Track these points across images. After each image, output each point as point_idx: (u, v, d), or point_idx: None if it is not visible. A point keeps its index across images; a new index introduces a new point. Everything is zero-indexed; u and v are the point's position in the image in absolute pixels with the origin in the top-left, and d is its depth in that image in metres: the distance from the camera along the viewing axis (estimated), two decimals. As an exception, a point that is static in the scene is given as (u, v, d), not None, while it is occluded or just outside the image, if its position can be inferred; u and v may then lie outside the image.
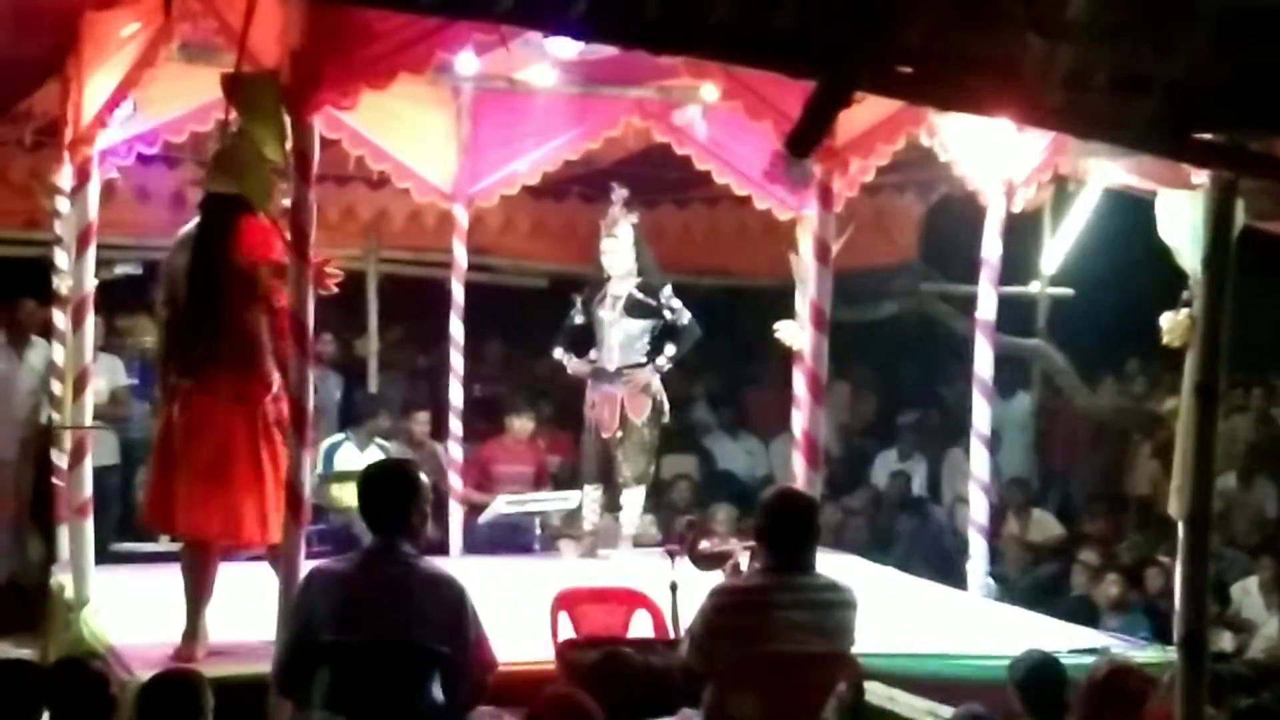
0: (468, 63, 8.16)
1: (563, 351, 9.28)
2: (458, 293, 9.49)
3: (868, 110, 6.38)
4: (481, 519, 9.73)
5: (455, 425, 9.56)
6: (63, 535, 8.17)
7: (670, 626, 6.13)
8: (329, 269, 6.25)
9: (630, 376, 9.10)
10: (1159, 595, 8.76)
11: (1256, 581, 9.20)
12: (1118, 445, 12.14)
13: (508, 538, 9.88)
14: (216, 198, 6.45)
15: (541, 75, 8.58)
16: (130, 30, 6.89)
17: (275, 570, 6.13)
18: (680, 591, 6.10)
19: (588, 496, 9.29)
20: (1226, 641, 8.54)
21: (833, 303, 6.73)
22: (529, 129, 9.13)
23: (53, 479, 8.67)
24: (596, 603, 6.49)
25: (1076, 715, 5.37)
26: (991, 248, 8.11)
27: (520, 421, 10.43)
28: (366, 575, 5.08)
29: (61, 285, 8.55)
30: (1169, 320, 6.47)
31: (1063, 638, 7.16)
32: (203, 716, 4.77)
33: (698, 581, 5.92)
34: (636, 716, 5.05)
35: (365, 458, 9.14)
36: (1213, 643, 6.14)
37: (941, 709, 5.79)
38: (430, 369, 11.49)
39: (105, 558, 8.13)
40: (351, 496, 6.57)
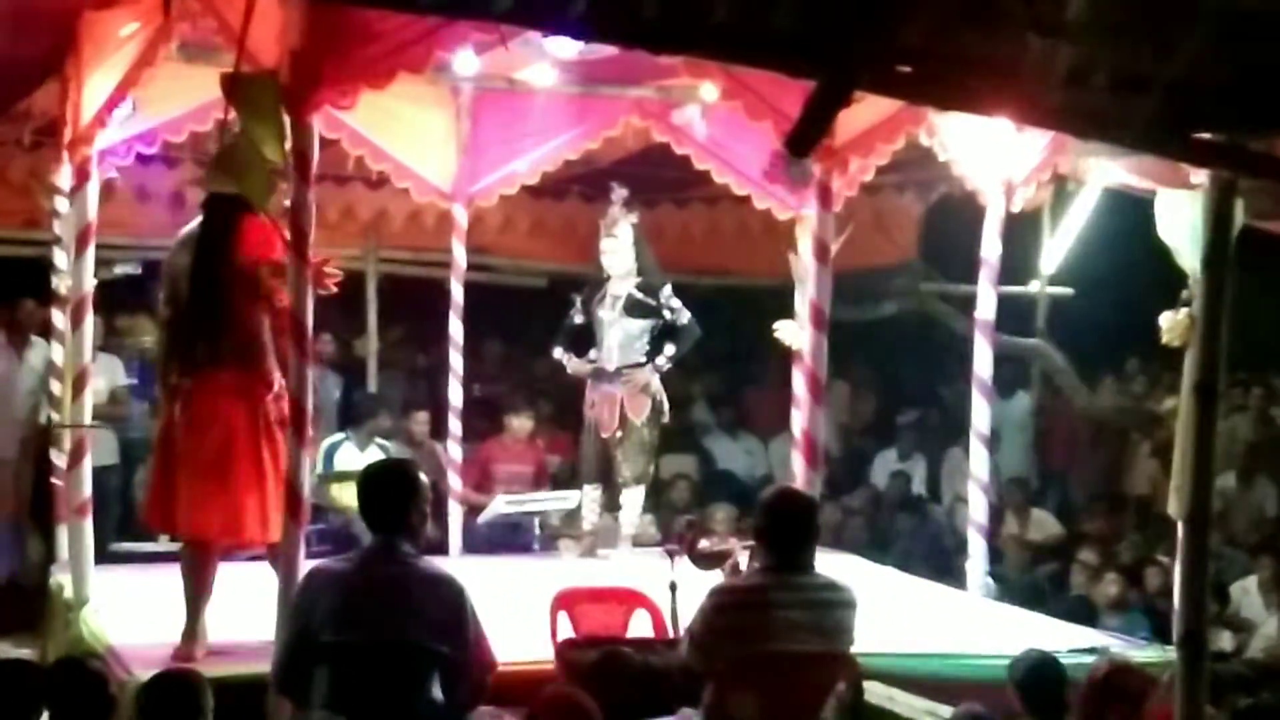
0: (467, 62, 8.15)
1: (562, 351, 9.26)
2: (457, 292, 9.49)
3: (867, 110, 6.38)
4: (481, 519, 9.72)
5: (454, 425, 9.56)
6: (62, 535, 8.17)
7: (669, 626, 6.13)
8: (328, 269, 6.24)
9: (630, 376, 9.09)
10: (1158, 595, 8.76)
11: (1256, 581, 9.20)
12: (1117, 445, 12.13)
13: (507, 537, 9.88)
14: (219, 198, 6.45)
15: (541, 75, 8.58)
16: (129, 30, 6.89)
17: (275, 569, 6.13)
18: (679, 591, 6.10)
19: (587, 496, 9.28)
20: (1226, 641, 8.53)
21: (832, 302, 6.72)
22: (528, 129, 9.13)
23: (52, 479, 8.66)
24: (596, 602, 6.48)
25: (1076, 715, 5.37)
26: (991, 247, 8.11)
27: (519, 421, 10.43)
28: (366, 575, 5.08)
29: (61, 285, 8.55)
30: (1168, 320, 6.47)
31: (1062, 637, 7.15)
32: (203, 716, 4.77)
33: (697, 581, 5.92)
34: (635, 716, 5.05)
35: (365, 457, 9.13)
36: (1212, 642, 6.11)
37: (941, 709, 5.79)
38: (429, 369, 11.48)
39: (105, 557, 8.13)
40: (351, 496, 6.57)
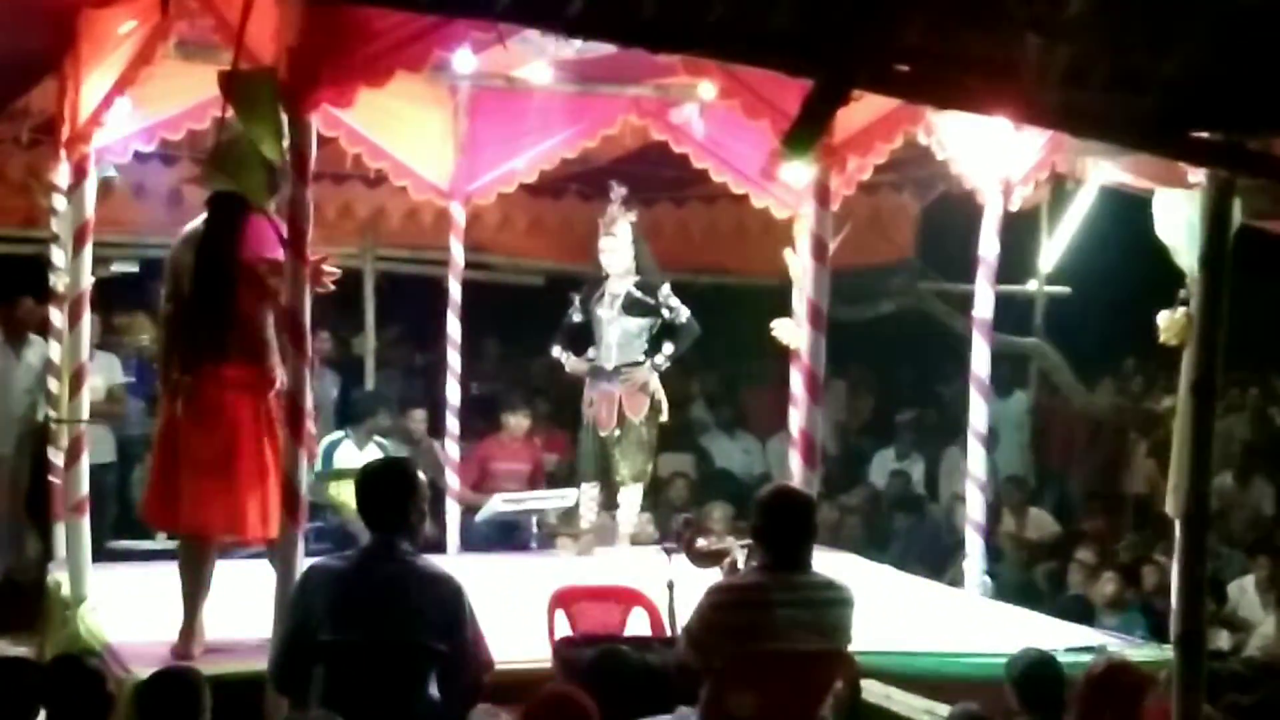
0: (465, 61, 8.14)
1: (561, 350, 9.26)
2: (455, 291, 9.47)
3: (865, 108, 6.37)
4: (479, 517, 9.72)
5: (452, 423, 9.55)
6: (59, 533, 8.16)
7: (667, 624, 6.13)
8: (326, 267, 6.25)
9: (628, 375, 9.09)
10: (1155, 593, 8.77)
11: (1253, 580, 9.20)
12: (1114, 444, 12.14)
13: (505, 536, 9.88)
14: (224, 195, 6.44)
15: (539, 73, 8.57)
16: (127, 28, 6.88)
17: (275, 566, 6.12)
18: (677, 589, 6.10)
19: (585, 495, 9.28)
20: (1223, 640, 8.53)
21: (830, 301, 6.72)
22: (526, 127, 9.12)
23: (50, 477, 8.66)
24: (593, 601, 6.48)
25: (1073, 713, 5.37)
26: (989, 246, 8.11)
27: (517, 419, 10.42)
28: (364, 573, 5.09)
29: (58, 283, 8.53)
30: (1166, 319, 6.47)
31: (1059, 636, 7.15)
32: (201, 715, 4.78)
33: (694, 580, 5.92)
34: (633, 714, 5.05)
35: (364, 456, 9.12)
36: (1209, 641, 6.12)
37: (938, 707, 5.79)
38: (427, 367, 11.48)
39: (102, 555, 8.12)
40: (349, 494, 6.58)
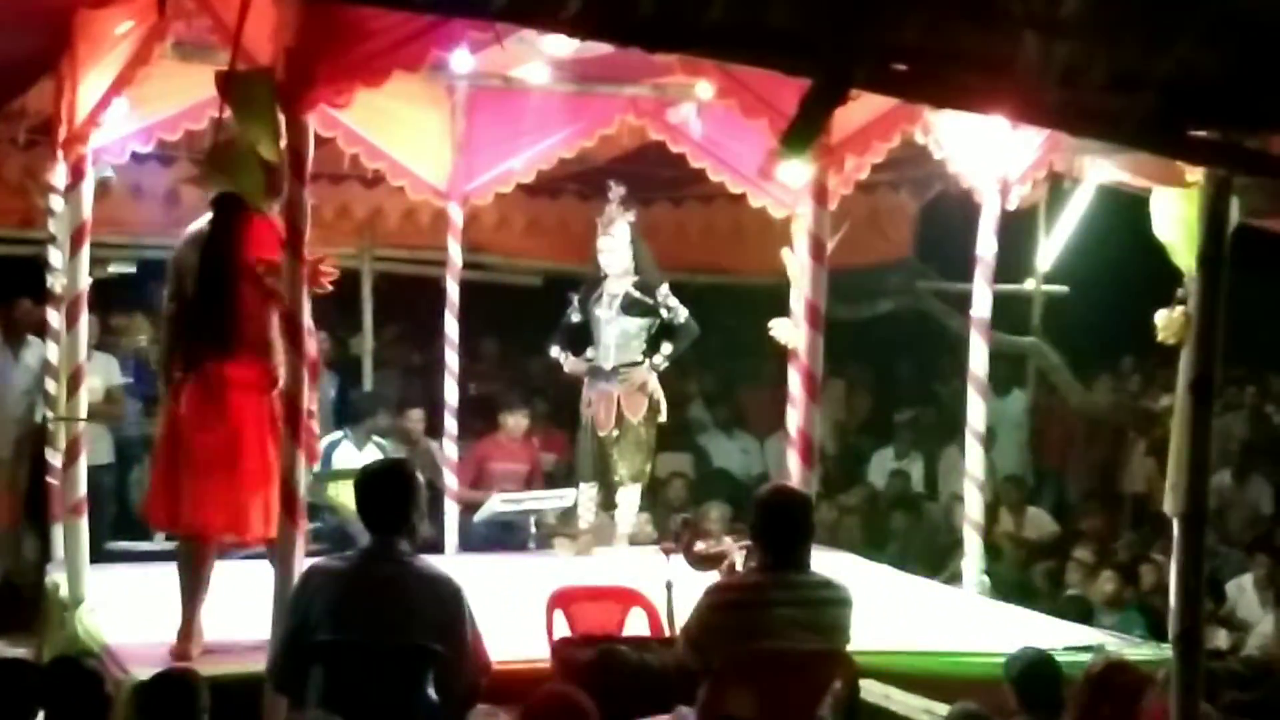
0: (462, 60, 8.13)
1: (559, 350, 9.25)
2: (452, 290, 9.47)
3: (863, 108, 6.37)
4: (477, 517, 9.72)
5: (450, 423, 9.54)
6: (58, 534, 8.15)
7: (665, 624, 6.13)
8: (324, 267, 6.24)
9: (627, 375, 9.08)
10: (1154, 592, 8.77)
11: (1251, 579, 9.21)
12: (1112, 443, 12.14)
13: (503, 536, 9.88)
14: (229, 195, 6.43)
15: (536, 73, 8.57)
16: (124, 28, 6.87)
17: (275, 566, 6.11)
18: (675, 589, 6.10)
19: (583, 495, 9.28)
20: (1222, 639, 8.53)
21: (827, 300, 6.72)
22: (524, 127, 9.12)
23: (48, 478, 8.65)
24: (592, 601, 6.47)
25: (1072, 712, 5.37)
26: (986, 245, 8.11)
27: (514, 419, 10.42)
28: (363, 574, 5.09)
29: (56, 284, 8.53)
30: (1164, 317, 6.46)
31: (1058, 635, 7.15)
32: (200, 716, 4.77)
33: (693, 580, 5.92)
34: (632, 714, 5.05)
35: (363, 456, 9.13)
36: (1208, 640, 6.14)
37: (937, 706, 5.79)
38: (425, 367, 11.47)
39: (100, 556, 8.10)
40: (348, 495, 6.57)
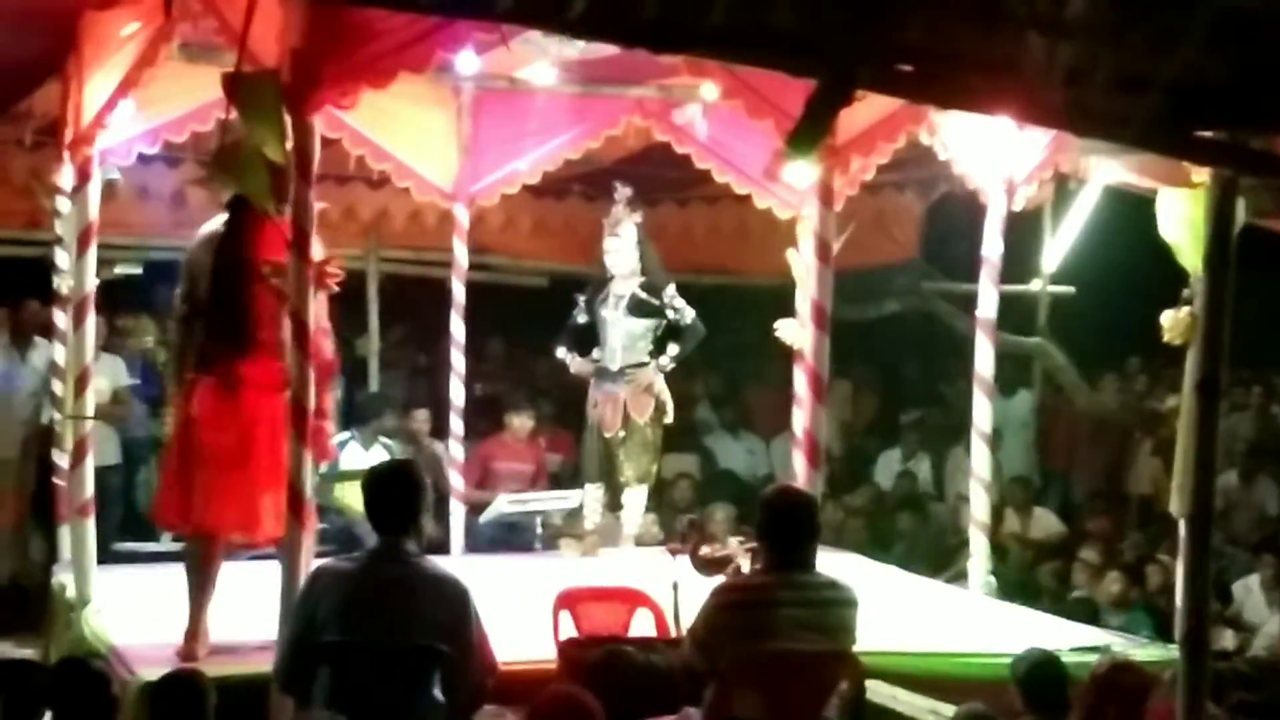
0: (468, 62, 8.14)
1: (566, 351, 9.25)
2: (458, 292, 9.47)
3: (868, 108, 6.37)
4: (483, 518, 9.72)
5: (456, 424, 9.55)
6: (64, 535, 8.16)
7: (672, 625, 6.13)
8: (329, 268, 6.25)
9: (633, 376, 9.08)
10: (1160, 593, 8.76)
11: (1258, 579, 9.20)
12: (1119, 443, 12.12)
13: (509, 537, 9.88)
14: (244, 197, 6.43)
15: (542, 74, 8.57)
16: (130, 30, 6.88)
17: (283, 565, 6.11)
18: (681, 590, 6.10)
19: (589, 496, 9.27)
20: (1228, 640, 8.53)
21: (833, 301, 6.72)
22: (529, 128, 9.12)
23: (54, 479, 8.67)
24: (598, 601, 6.48)
25: (1078, 713, 5.37)
26: (992, 246, 8.10)
27: (520, 420, 10.43)
28: (370, 575, 5.09)
29: (62, 285, 8.54)
30: (1170, 318, 6.47)
31: (1064, 636, 7.15)
32: (206, 717, 4.78)
33: (699, 580, 5.92)
34: (638, 715, 5.04)
35: (370, 457, 9.13)
36: (1214, 641, 6.13)
37: (943, 707, 5.79)
38: (431, 368, 11.48)
39: (107, 557, 8.12)
40: (355, 496, 6.56)
